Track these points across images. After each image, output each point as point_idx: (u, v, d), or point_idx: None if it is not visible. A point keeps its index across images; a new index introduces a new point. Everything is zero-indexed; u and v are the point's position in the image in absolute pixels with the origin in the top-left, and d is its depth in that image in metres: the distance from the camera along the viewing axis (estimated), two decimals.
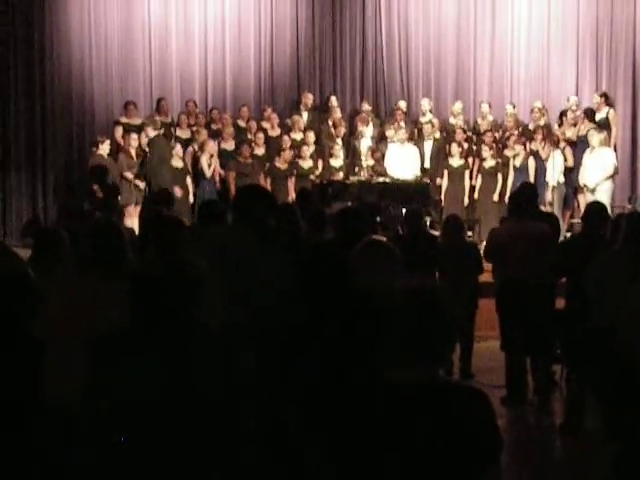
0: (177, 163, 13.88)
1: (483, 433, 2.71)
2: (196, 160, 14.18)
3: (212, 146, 14.18)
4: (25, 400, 3.62)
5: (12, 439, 3.50)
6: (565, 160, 14.03)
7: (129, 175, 13.67)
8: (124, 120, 14.63)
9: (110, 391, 3.17)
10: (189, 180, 13.99)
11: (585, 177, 13.61)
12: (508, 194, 13.65)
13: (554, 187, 13.69)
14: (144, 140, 14.09)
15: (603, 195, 13.19)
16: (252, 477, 3.73)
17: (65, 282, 4.35)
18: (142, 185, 13.81)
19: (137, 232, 9.61)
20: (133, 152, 13.86)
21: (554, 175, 13.74)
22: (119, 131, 14.33)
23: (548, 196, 13.59)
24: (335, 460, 2.74)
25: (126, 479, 3.13)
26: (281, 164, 14.24)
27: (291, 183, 14.18)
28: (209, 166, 14.05)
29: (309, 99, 15.76)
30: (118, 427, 3.01)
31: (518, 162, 14.08)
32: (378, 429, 2.69)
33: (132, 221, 13.27)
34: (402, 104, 15.81)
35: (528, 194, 8.13)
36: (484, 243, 8.94)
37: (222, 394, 3.23)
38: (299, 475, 3.54)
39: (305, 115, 15.55)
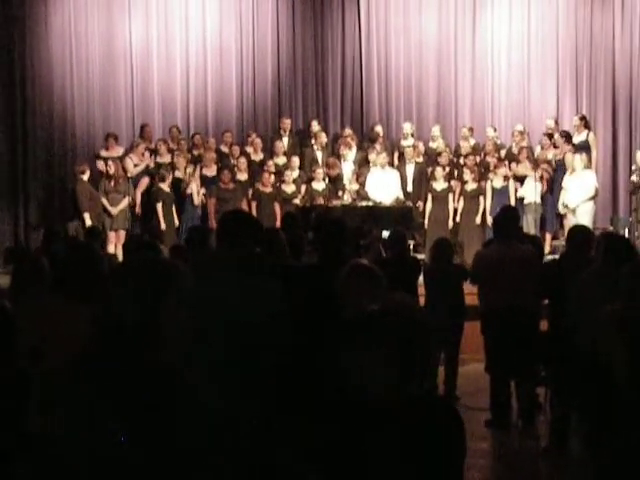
0: (166, 188, 13.87)
1: (448, 449, 2.79)
2: (177, 186, 14.16)
3: (196, 172, 14.23)
4: (11, 431, 3.58)
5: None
6: (544, 183, 14.10)
7: (108, 202, 13.68)
8: (104, 154, 14.57)
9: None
10: (174, 206, 13.97)
11: (567, 199, 13.71)
12: (488, 216, 13.79)
13: (529, 207, 13.75)
14: (130, 166, 14.13)
15: (585, 217, 13.28)
16: None
17: (40, 307, 4.32)
18: (128, 210, 13.85)
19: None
20: (119, 178, 13.87)
21: (529, 196, 13.84)
22: (100, 164, 14.32)
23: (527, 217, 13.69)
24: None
25: None
26: (265, 188, 14.24)
27: (277, 207, 14.19)
28: (198, 193, 14.10)
29: (287, 124, 15.79)
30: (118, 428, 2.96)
31: (498, 184, 14.15)
32: (350, 445, 2.73)
33: (114, 247, 13.34)
34: (378, 129, 15.89)
35: (511, 216, 8.17)
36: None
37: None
38: None
39: (285, 140, 15.58)
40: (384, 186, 14.29)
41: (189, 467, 2.98)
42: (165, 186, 13.86)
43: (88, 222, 13.35)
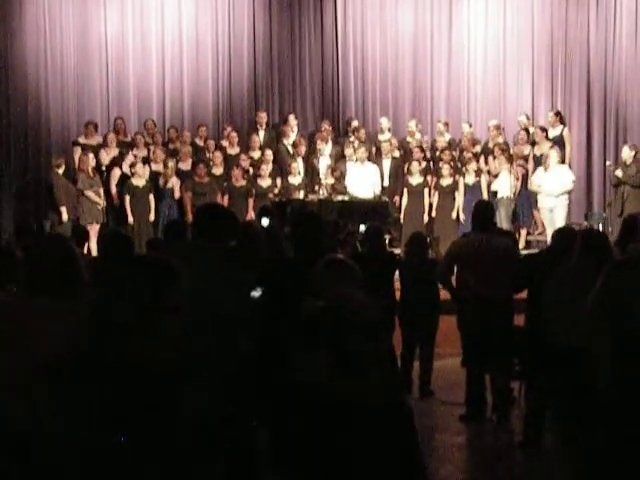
0: (138, 182, 13.80)
1: (400, 449, 2.83)
2: (155, 179, 14.10)
3: (172, 166, 14.19)
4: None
5: None
6: (517, 178, 14.15)
7: (90, 194, 13.60)
8: (82, 141, 14.54)
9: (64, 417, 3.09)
10: (151, 198, 13.91)
11: (543, 193, 13.76)
12: (461, 213, 13.85)
13: (501, 201, 13.80)
14: (104, 157, 14.07)
15: (561, 211, 13.36)
16: None
17: (15, 305, 4.22)
18: (102, 203, 13.76)
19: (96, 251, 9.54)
20: (90, 171, 13.76)
21: (503, 190, 13.90)
22: (77, 151, 14.23)
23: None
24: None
25: None
26: (237, 182, 14.21)
27: (250, 201, 14.16)
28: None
29: (263, 118, 15.75)
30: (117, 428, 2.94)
31: (470, 180, 14.18)
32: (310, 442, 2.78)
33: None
34: (355, 123, 15.89)
35: (487, 210, 8.18)
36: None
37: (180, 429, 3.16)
38: None
39: (261, 134, 15.54)
40: (363, 180, 14.28)
41: (185, 463, 2.97)
42: (138, 179, 13.79)
43: (65, 216, 13.30)
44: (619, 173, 13.82)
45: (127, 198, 13.72)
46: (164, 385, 2.91)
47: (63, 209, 13.35)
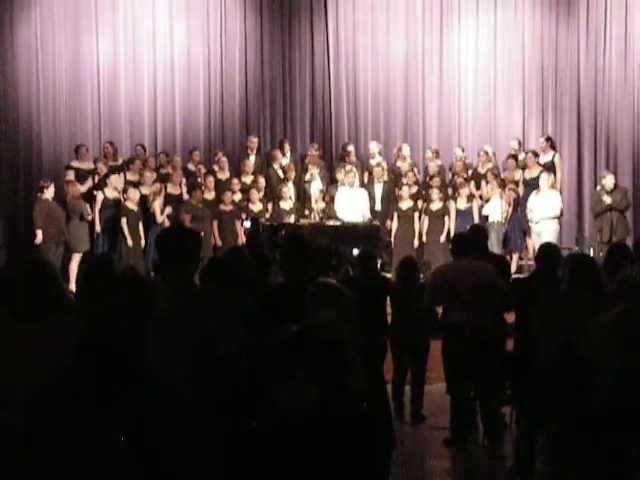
0: (132, 206, 13.79)
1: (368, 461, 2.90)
2: (145, 204, 14.09)
3: (162, 191, 14.19)
4: None
5: None
6: (509, 203, 14.19)
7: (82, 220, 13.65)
8: (75, 164, 14.52)
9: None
10: (141, 224, 13.89)
11: (532, 218, 13.85)
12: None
13: (491, 226, 13.84)
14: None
15: (549, 236, 13.38)
16: None
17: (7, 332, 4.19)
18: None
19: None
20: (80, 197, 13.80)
21: (494, 215, 13.95)
22: (70, 175, 14.20)
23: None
24: None
25: None
26: (226, 206, 14.23)
27: (239, 226, 14.17)
28: (161, 212, 14.03)
29: (254, 143, 15.78)
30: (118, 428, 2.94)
31: (462, 205, 14.24)
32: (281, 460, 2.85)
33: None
34: (350, 148, 15.95)
35: (480, 236, 8.21)
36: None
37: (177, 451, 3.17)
38: None
39: (252, 158, 15.57)
40: (352, 205, 14.32)
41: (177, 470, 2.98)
42: (130, 203, 13.78)
43: (39, 239, 13.18)
44: (608, 199, 13.84)
45: (124, 221, 13.67)
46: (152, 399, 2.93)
47: (38, 232, 13.25)
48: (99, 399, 2.93)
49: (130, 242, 13.53)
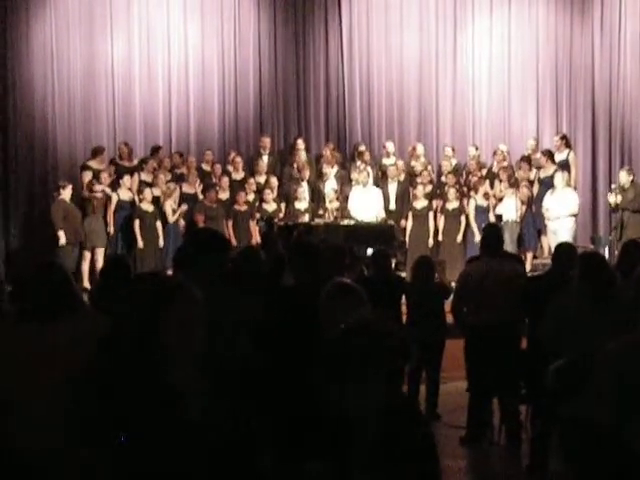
0: (146, 207, 13.86)
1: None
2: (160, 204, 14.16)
3: (176, 191, 14.24)
4: None
5: None
6: (523, 202, 14.17)
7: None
8: (95, 166, 14.54)
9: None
10: (158, 224, 13.96)
11: (549, 217, 13.81)
12: (477, 234, 13.83)
13: (506, 226, 13.82)
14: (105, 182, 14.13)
15: (565, 234, 13.34)
16: None
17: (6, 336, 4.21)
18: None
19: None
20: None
21: (508, 214, 13.93)
22: (88, 176, 14.27)
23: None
24: None
25: None
26: (241, 207, 14.28)
27: (253, 226, 14.21)
28: (174, 211, 14.08)
29: (267, 143, 15.82)
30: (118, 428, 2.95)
31: (480, 202, 14.24)
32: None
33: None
34: (362, 147, 15.95)
35: (496, 233, 8.21)
36: (452, 284, 8.94)
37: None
38: None
39: (265, 159, 15.60)
40: (366, 204, 14.33)
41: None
42: (145, 204, 13.85)
43: (62, 240, 13.34)
44: (616, 198, 13.80)
45: (137, 223, 13.76)
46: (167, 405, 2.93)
47: (61, 233, 13.38)
48: (111, 398, 2.94)
49: (141, 244, 13.63)
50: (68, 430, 3.26)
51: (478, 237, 13.70)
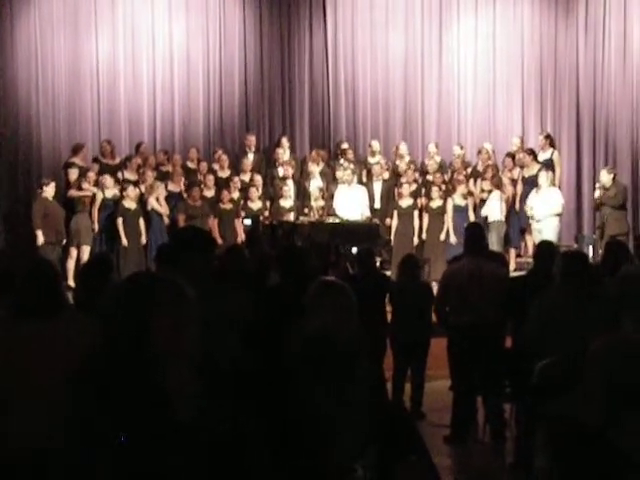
0: (129, 204, 13.83)
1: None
2: (144, 202, 14.13)
3: (161, 188, 14.20)
4: None
5: None
6: (508, 200, 14.21)
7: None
8: (77, 161, 14.49)
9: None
10: (141, 222, 13.93)
11: (533, 216, 13.86)
12: (452, 235, 13.88)
13: (492, 225, 13.86)
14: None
15: (550, 233, 13.37)
16: None
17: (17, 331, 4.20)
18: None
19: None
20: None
21: (493, 214, 13.96)
22: (74, 173, 14.20)
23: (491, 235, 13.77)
24: None
25: None
26: (225, 205, 14.26)
27: (238, 224, 14.19)
28: (160, 206, 14.09)
29: (252, 141, 15.80)
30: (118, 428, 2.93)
31: (459, 202, 14.26)
32: None
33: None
34: (345, 145, 15.97)
35: (478, 233, 8.22)
36: (434, 283, 8.96)
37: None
38: None
39: (250, 157, 15.58)
40: (351, 203, 14.33)
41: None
42: (129, 202, 13.81)
43: (40, 240, 13.26)
44: (599, 195, 13.95)
45: (120, 221, 13.73)
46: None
47: (39, 232, 13.29)
48: (107, 397, 2.93)
49: (125, 242, 13.60)
50: (67, 430, 3.24)
51: (453, 238, 13.77)
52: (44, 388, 3.76)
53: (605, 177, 14.02)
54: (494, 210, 13.99)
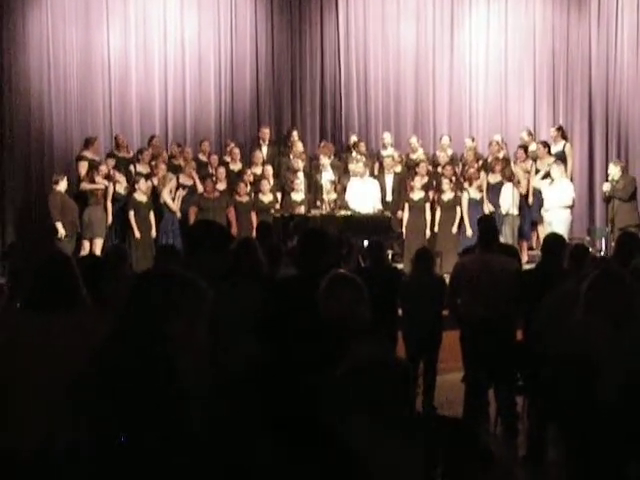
0: (140, 197, 13.85)
1: None
2: (156, 195, 14.16)
3: (173, 181, 14.23)
4: None
5: None
6: (521, 193, 14.19)
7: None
8: (90, 156, 14.51)
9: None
10: (152, 215, 13.95)
11: (544, 208, 13.84)
12: (468, 227, 13.86)
13: (507, 219, 13.84)
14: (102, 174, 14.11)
15: (561, 226, 13.35)
16: None
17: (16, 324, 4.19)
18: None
19: None
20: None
21: (507, 207, 13.93)
22: (84, 166, 14.24)
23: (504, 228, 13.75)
24: None
25: None
26: (241, 197, 14.26)
27: (254, 217, 14.19)
28: (173, 200, 14.10)
29: (266, 134, 15.81)
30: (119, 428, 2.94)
31: (475, 195, 14.24)
32: None
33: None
34: (354, 138, 15.94)
35: (491, 226, 8.21)
36: (446, 276, 8.94)
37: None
38: None
39: (264, 149, 15.59)
40: (363, 196, 14.32)
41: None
42: (139, 195, 13.84)
43: (61, 232, 13.32)
44: (606, 187, 13.95)
45: (131, 213, 13.77)
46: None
47: (59, 224, 13.36)
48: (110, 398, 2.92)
49: (138, 234, 13.63)
50: (68, 428, 3.25)
51: (470, 231, 13.74)
52: (45, 385, 3.75)
53: (613, 170, 14.01)
54: (507, 204, 13.95)
